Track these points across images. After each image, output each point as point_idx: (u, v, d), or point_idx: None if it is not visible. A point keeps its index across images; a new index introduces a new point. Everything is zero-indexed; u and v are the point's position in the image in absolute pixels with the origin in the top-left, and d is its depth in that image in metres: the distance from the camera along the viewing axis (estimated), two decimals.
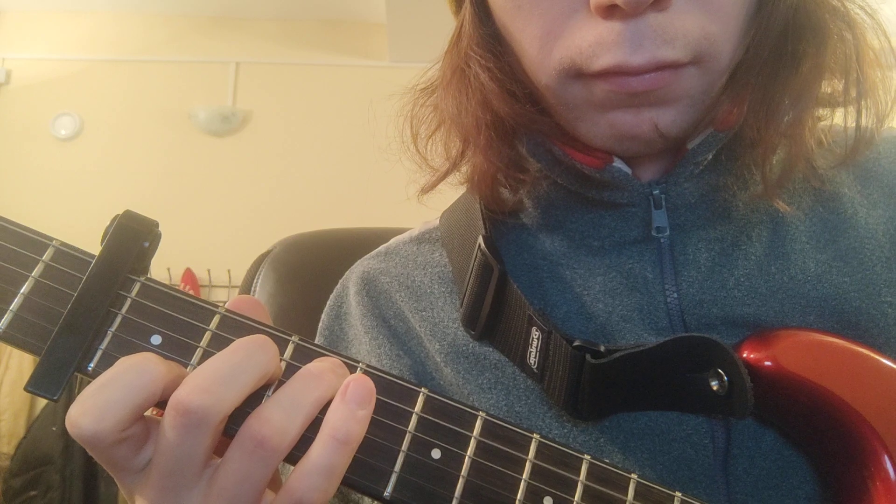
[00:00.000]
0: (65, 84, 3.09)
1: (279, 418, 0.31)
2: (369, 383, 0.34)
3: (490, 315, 0.47)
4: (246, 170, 3.04)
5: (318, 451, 0.31)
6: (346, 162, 2.98)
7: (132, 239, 0.35)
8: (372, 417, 0.34)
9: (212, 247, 2.86)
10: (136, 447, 0.32)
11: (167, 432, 0.31)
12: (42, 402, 2.61)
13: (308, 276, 0.70)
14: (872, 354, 0.40)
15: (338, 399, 0.33)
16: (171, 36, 3.17)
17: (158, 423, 0.31)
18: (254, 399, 0.32)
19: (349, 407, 0.32)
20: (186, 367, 0.33)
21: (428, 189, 0.54)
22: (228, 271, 2.86)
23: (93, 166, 2.99)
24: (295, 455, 0.32)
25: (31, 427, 2.51)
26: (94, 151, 3.02)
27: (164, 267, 2.74)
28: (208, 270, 2.87)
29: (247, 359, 0.32)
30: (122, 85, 3.10)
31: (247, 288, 0.70)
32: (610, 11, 0.39)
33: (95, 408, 0.30)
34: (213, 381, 0.31)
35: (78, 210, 2.57)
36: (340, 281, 0.59)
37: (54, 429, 2.42)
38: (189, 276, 2.82)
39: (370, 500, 0.49)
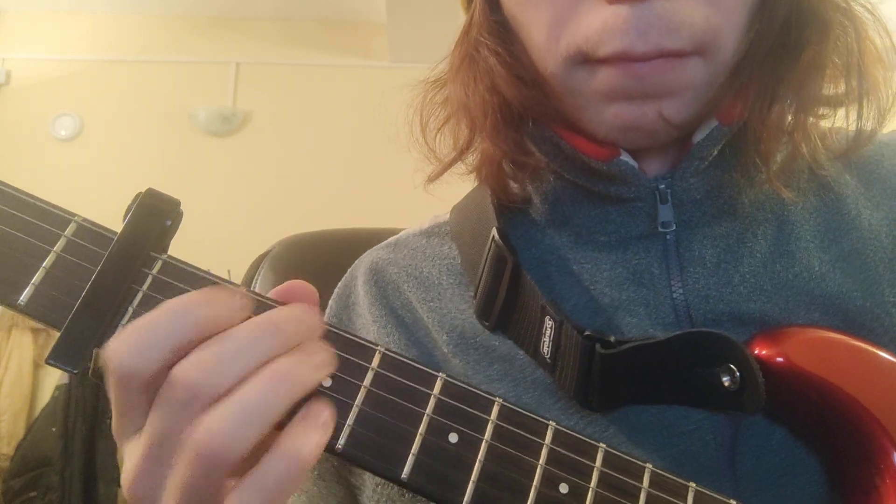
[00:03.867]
0: (65, 84, 3.09)
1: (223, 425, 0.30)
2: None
3: (504, 306, 0.47)
4: (246, 170, 3.03)
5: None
6: (346, 162, 2.98)
7: (155, 217, 0.35)
8: (390, 400, 0.34)
9: (211, 247, 2.85)
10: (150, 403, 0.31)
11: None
12: (41, 404, 2.60)
13: (307, 276, 0.69)
14: (882, 352, 0.40)
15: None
16: (170, 36, 3.17)
17: None
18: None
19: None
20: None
21: (435, 177, 0.55)
22: (228, 271, 2.83)
23: (93, 166, 2.99)
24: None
25: (30, 428, 2.51)
26: (94, 151, 3.02)
27: None
28: (208, 270, 2.86)
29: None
30: (122, 85, 3.10)
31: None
32: None
33: (139, 342, 0.30)
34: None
35: (78, 210, 2.54)
36: (349, 270, 0.59)
37: (54, 430, 2.42)
38: None
39: (372, 483, 0.49)
